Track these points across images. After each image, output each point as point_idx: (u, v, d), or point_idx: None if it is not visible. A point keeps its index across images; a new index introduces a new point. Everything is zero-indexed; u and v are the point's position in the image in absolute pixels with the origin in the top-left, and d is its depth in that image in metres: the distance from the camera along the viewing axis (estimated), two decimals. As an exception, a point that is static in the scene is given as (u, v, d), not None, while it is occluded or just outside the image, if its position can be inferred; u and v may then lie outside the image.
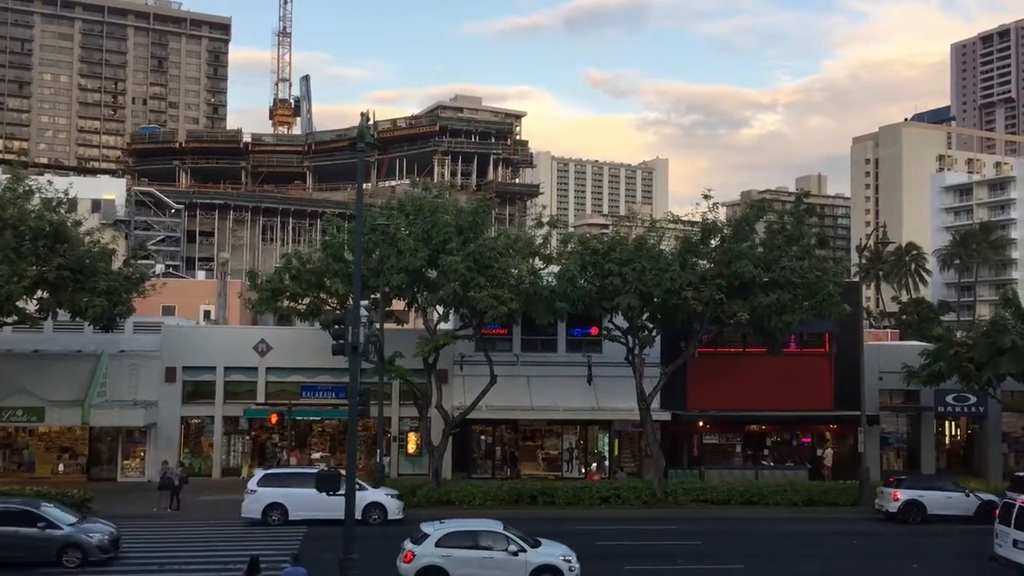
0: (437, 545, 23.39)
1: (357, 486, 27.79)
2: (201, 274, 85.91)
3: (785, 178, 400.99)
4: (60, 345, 40.91)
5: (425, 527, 24.34)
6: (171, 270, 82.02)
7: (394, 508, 32.18)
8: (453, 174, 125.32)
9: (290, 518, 31.14)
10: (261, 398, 41.63)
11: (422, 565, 23.08)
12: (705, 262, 36.89)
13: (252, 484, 32.00)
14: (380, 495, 32.43)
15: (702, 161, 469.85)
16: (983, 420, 44.45)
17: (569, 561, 23.79)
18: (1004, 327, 37.80)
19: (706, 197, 37.50)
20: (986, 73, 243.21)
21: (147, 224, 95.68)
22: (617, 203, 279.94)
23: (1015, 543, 24.41)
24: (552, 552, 24.08)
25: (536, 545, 24.12)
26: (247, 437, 42.73)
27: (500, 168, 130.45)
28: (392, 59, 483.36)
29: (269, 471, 33.44)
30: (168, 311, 54.37)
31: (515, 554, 23.49)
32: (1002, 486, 38.73)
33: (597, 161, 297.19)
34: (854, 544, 30.24)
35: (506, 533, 24.09)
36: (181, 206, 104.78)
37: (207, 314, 61.04)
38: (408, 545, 23.63)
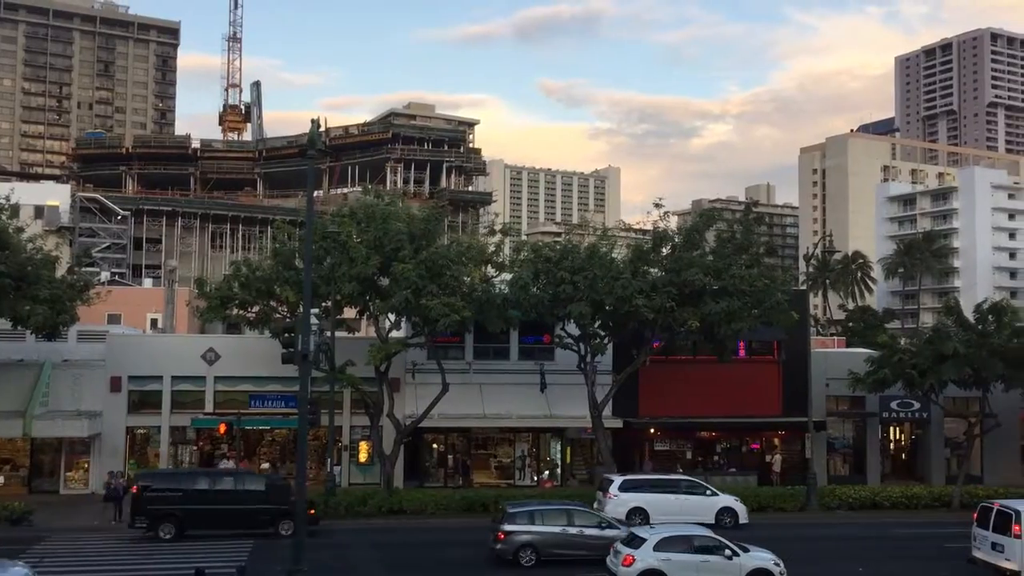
0: (655, 549, 23.93)
1: (709, 492, 34.26)
2: (148, 282, 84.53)
3: (735, 187, 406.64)
4: (1, 354, 39.89)
5: (639, 532, 25.04)
6: (117, 278, 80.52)
7: (743, 513, 33.97)
8: (406, 181, 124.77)
9: (651, 522, 31.77)
10: (209, 408, 41.02)
11: (643, 568, 23.65)
12: (656, 270, 37.21)
13: (614, 489, 33.28)
14: (731, 501, 34.18)
15: (653, 170, 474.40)
16: (926, 425, 45.41)
17: (779, 565, 24.45)
18: (946, 334, 38.64)
19: (657, 206, 38.00)
20: (929, 86, 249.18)
21: (92, 231, 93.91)
22: (570, 211, 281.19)
23: (993, 546, 24.91)
24: (764, 556, 24.75)
25: (746, 550, 24.69)
26: (195, 447, 42.06)
27: (453, 176, 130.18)
28: (344, 66, 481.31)
29: (627, 477, 34.79)
30: (114, 319, 53.47)
31: (730, 558, 24.05)
32: (947, 490, 39.67)
33: (550, 169, 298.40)
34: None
35: (719, 537, 24.82)
36: (127, 212, 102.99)
37: (154, 322, 60.10)
38: (625, 549, 24.17)
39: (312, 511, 30.55)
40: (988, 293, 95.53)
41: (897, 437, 48.16)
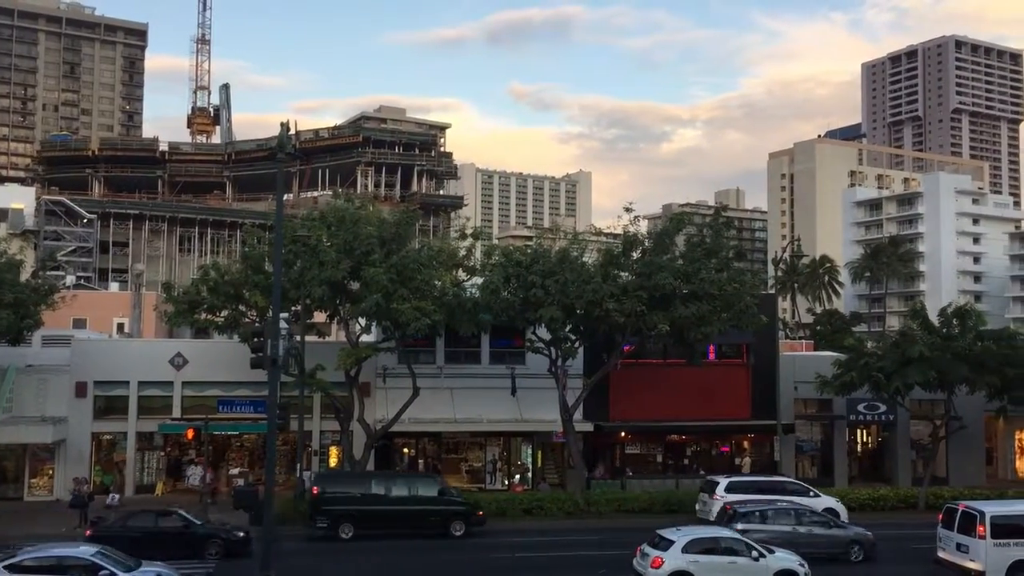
0: (683, 551, 24.10)
1: (812, 493, 34.51)
2: (115, 286, 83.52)
3: (705, 192, 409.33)
4: (-37, 359, 39.28)
5: (666, 534, 25.08)
6: (83, 282, 79.56)
7: (844, 513, 34.48)
8: (376, 185, 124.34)
9: None
10: (177, 413, 40.57)
11: (672, 570, 23.82)
12: (627, 274, 37.33)
13: (720, 491, 33.80)
14: (832, 502, 34.74)
15: (624, 174, 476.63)
16: (892, 428, 45.93)
17: (804, 566, 24.68)
18: (912, 338, 39.13)
19: (627, 210, 38.06)
20: (895, 92, 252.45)
21: (57, 234, 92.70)
22: (541, 215, 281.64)
23: (958, 547, 25.27)
24: (791, 558, 24.95)
25: (772, 552, 24.80)
26: (162, 453, 41.62)
27: (424, 179, 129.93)
28: (315, 69, 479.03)
29: (733, 479, 35.26)
30: (79, 324, 52.79)
31: (757, 559, 24.28)
32: (913, 491, 40.12)
33: (521, 173, 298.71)
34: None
35: (745, 539, 25.04)
36: (94, 216, 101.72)
37: (121, 327, 59.42)
38: (653, 551, 24.39)
39: (480, 512, 32.77)
40: (953, 297, 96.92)
41: (864, 439, 48.67)
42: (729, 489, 34.00)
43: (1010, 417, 43.80)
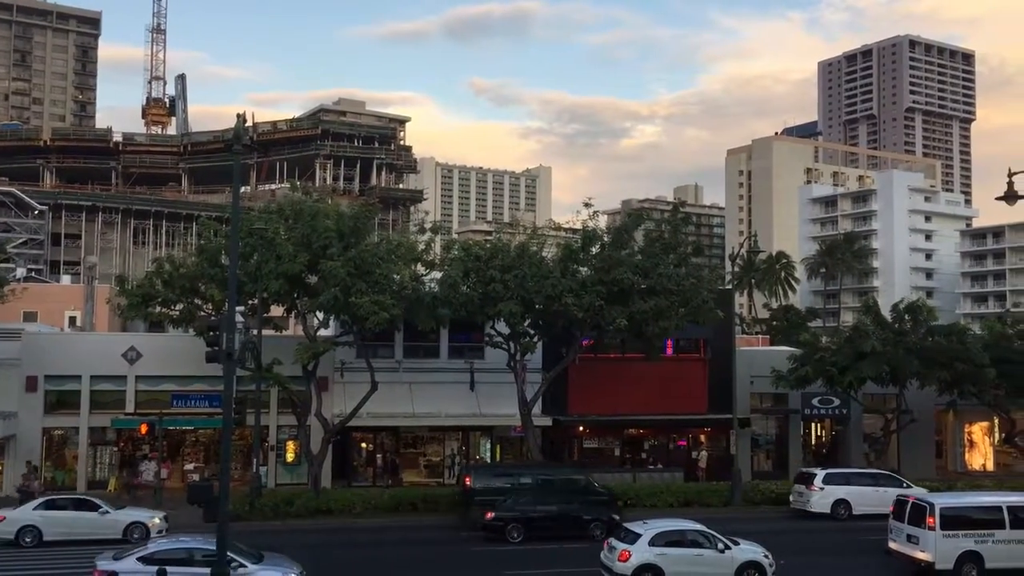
0: (650, 544, 24.21)
1: (905, 484, 35.28)
2: (67, 278, 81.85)
3: (663, 188, 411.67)
4: (-91, 353, 38.33)
5: (633, 527, 25.22)
6: (33, 274, 78.08)
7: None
8: (335, 178, 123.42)
9: (854, 512, 35.02)
10: (131, 408, 39.98)
11: (639, 563, 23.88)
12: (585, 269, 37.44)
13: (818, 482, 35.52)
14: (923, 493, 34.28)
15: (583, 169, 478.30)
16: (846, 421, 46.62)
17: (768, 558, 24.86)
18: (865, 333, 39.76)
19: (587, 205, 38.23)
20: (850, 91, 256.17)
21: (7, 226, 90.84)
22: (501, 210, 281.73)
23: (908, 537, 25.78)
24: (755, 550, 25.02)
25: (737, 544, 25.00)
26: (115, 448, 40.99)
27: (383, 173, 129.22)
28: (273, 61, 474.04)
29: (830, 470, 36.85)
30: (30, 317, 51.79)
31: (723, 551, 24.41)
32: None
33: (481, 168, 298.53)
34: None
35: (711, 531, 25.10)
36: (45, 207, 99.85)
37: (73, 320, 58.39)
38: (620, 545, 24.40)
39: (619, 502, 34.56)
40: (905, 293, 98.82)
41: (818, 433, 49.35)
42: (826, 480, 35.80)
43: (959, 411, 44.72)
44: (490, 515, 30.73)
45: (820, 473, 36.33)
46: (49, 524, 29.90)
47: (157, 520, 30.58)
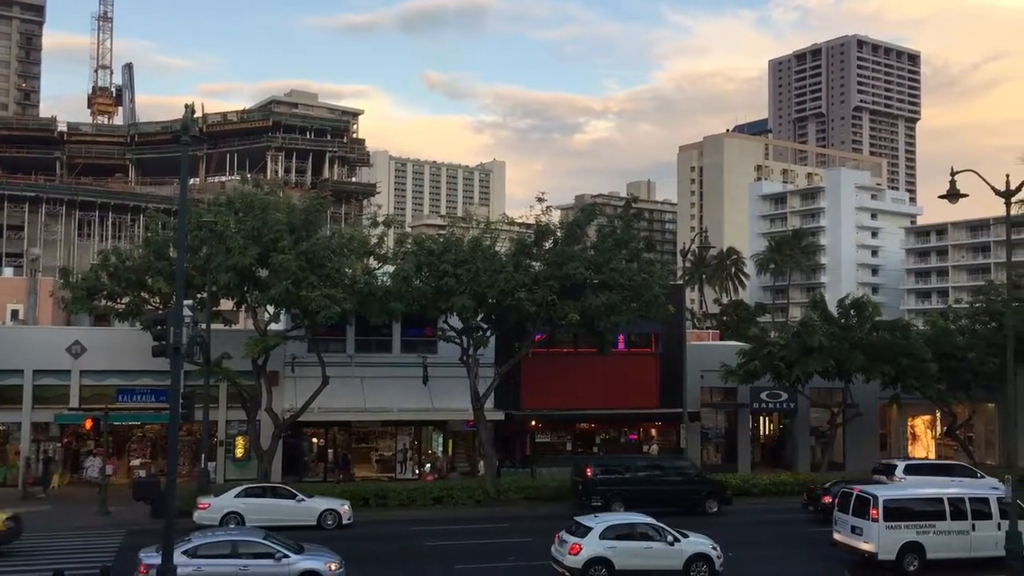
0: (601, 537, 24.44)
1: (979, 475, 36.36)
2: (9, 271, 80.00)
3: (616, 183, 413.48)
4: None
5: (584, 521, 25.42)
6: (-26, 266, 76.01)
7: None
8: (287, 171, 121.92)
9: None
10: (75, 403, 39.22)
11: (590, 556, 24.08)
12: (538, 264, 37.55)
13: (899, 473, 36.50)
14: (995, 483, 34.77)
15: (537, 164, 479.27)
16: (793, 415, 47.37)
17: (716, 549, 25.28)
18: (812, 328, 40.39)
19: (540, 200, 38.30)
20: (800, 89, 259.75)
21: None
22: (455, 204, 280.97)
23: (853, 529, 26.32)
24: (704, 542, 25.43)
25: (686, 536, 25.32)
26: (58, 444, 40.18)
27: (336, 166, 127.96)
28: (223, 52, 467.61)
29: (910, 462, 38.67)
30: (-30, 310, 50.50)
31: (672, 544, 24.80)
32: (812, 476, 41.43)
33: (435, 162, 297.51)
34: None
35: (660, 524, 25.43)
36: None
37: (15, 314, 57.13)
38: (571, 538, 24.59)
39: (728, 491, 36.45)
40: (852, 289, 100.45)
41: (767, 427, 50.09)
42: (907, 471, 36.89)
43: (903, 405, 45.58)
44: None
45: (901, 464, 37.82)
46: (251, 511, 30.90)
47: (347, 507, 32.25)
